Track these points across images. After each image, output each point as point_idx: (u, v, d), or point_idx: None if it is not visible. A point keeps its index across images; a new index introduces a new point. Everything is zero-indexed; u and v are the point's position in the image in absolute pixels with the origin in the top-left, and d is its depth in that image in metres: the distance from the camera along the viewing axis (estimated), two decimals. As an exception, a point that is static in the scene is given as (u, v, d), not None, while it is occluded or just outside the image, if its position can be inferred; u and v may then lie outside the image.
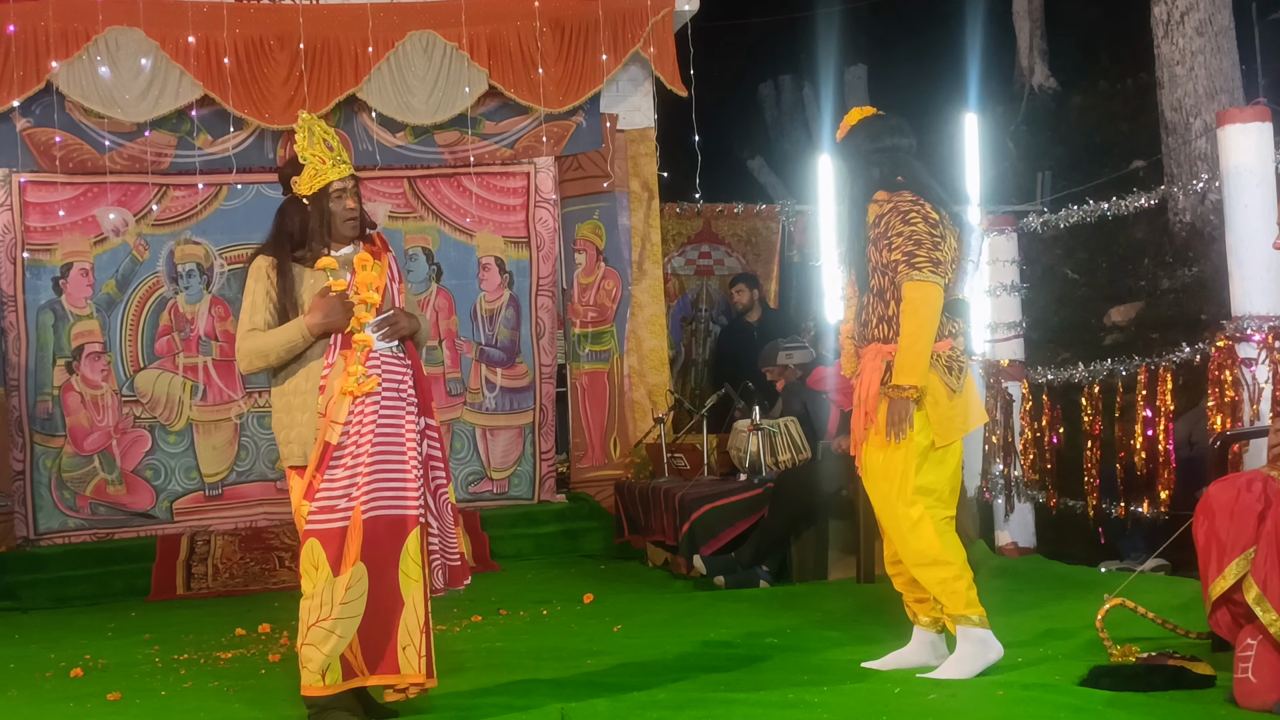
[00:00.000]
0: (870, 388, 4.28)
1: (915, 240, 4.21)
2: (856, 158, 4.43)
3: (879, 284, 4.30)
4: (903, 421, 4.19)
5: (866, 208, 4.36)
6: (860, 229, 4.37)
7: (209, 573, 7.76)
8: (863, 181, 4.39)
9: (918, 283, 4.18)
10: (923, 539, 4.24)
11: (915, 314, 4.18)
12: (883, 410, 4.24)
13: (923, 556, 4.24)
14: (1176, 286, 9.74)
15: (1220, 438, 5.42)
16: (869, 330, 4.35)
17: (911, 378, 4.18)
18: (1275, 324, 5.61)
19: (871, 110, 4.53)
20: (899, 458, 4.24)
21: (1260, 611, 3.53)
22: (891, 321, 4.27)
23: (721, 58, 12.46)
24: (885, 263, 4.27)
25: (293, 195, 4.14)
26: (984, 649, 4.21)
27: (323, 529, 3.85)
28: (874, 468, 4.33)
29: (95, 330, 8.47)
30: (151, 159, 8.38)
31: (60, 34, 7.99)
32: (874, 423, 4.28)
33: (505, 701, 4.21)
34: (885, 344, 4.29)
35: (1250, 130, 5.76)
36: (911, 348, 4.18)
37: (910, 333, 4.19)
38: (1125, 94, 13.09)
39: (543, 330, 9.03)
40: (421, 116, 8.54)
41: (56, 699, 4.72)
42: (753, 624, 5.42)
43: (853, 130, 4.47)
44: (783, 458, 7.14)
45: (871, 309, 4.34)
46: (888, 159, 4.38)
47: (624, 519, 8.12)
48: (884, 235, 4.27)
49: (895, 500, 4.27)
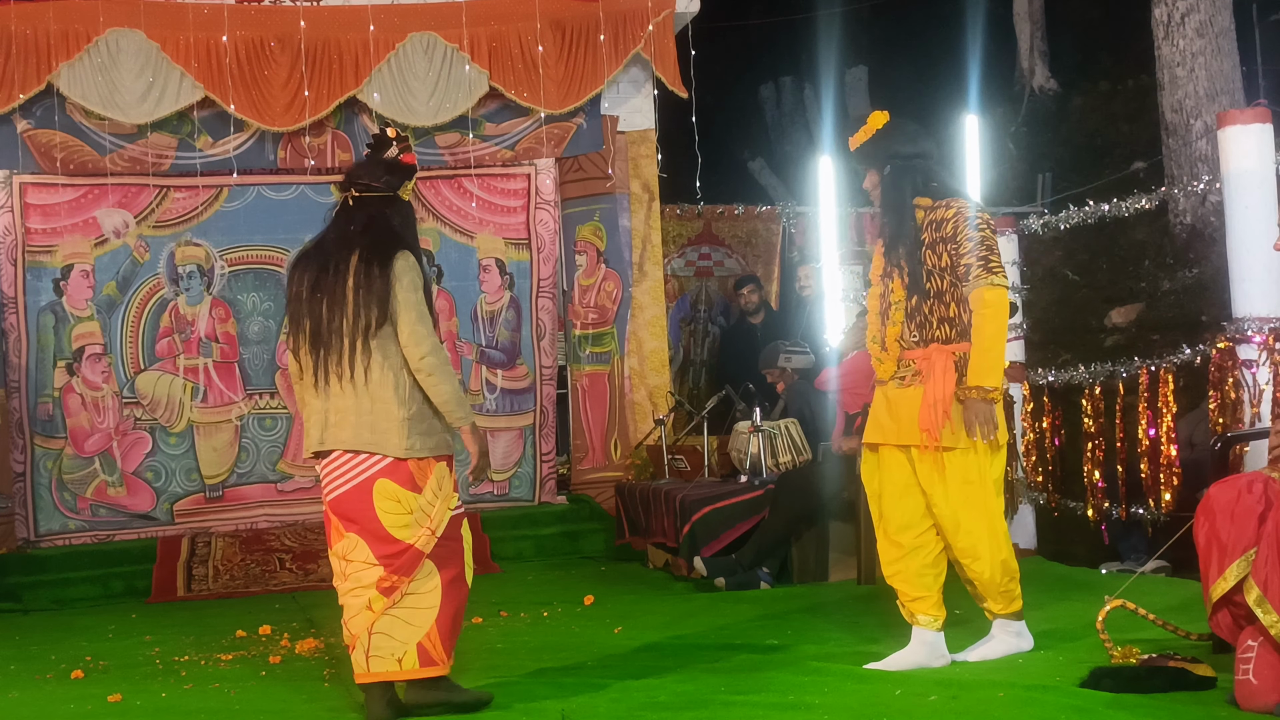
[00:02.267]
0: (945, 387, 4.34)
1: (987, 246, 4.33)
2: (892, 162, 4.49)
3: (937, 286, 4.39)
4: (991, 422, 4.31)
5: (913, 212, 4.44)
6: (911, 233, 4.43)
7: (209, 574, 7.76)
8: (908, 186, 4.47)
9: (996, 287, 4.31)
10: (1000, 534, 4.40)
11: (996, 318, 4.30)
12: (959, 411, 4.32)
13: (1000, 551, 4.39)
14: (1177, 288, 9.74)
15: (1221, 439, 5.42)
16: (928, 331, 4.41)
17: (994, 379, 4.30)
18: (1276, 325, 5.61)
19: (887, 116, 4.58)
20: (975, 456, 4.35)
21: (1261, 613, 3.53)
22: (954, 322, 4.37)
23: (722, 59, 12.47)
24: (946, 266, 4.36)
25: (403, 200, 4.27)
26: (1018, 639, 4.47)
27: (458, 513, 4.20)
28: (952, 467, 4.37)
29: (96, 332, 8.47)
30: (152, 161, 8.38)
31: (61, 36, 7.99)
32: (950, 420, 4.32)
33: (506, 703, 4.21)
34: (947, 344, 4.37)
35: (1251, 132, 5.77)
36: (992, 350, 4.30)
37: (991, 335, 4.30)
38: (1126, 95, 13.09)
39: (543, 332, 9.03)
40: (422, 118, 8.54)
41: (57, 700, 4.72)
42: (753, 625, 5.42)
43: (881, 134, 4.52)
44: (783, 459, 7.14)
45: (931, 310, 4.40)
46: (922, 164, 4.49)
47: (625, 521, 8.12)
48: (949, 239, 4.36)
49: (983, 496, 4.38)
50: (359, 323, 4.06)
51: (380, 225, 4.19)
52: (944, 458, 4.36)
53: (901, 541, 4.47)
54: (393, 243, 4.16)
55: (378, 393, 4.07)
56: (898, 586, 4.49)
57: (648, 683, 4.39)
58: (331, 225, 4.26)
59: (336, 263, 4.13)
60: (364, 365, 4.07)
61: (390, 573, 4.04)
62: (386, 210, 4.23)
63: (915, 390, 4.39)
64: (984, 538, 4.38)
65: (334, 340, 4.09)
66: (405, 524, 4.06)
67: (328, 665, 5.10)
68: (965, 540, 4.39)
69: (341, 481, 4.09)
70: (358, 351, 4.07)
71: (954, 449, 4.35)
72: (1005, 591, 4.44)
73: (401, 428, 4.05)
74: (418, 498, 4.07)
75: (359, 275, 4.08)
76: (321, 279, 4.13)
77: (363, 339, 4.06)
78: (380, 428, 4.05)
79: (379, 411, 4.06)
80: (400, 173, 4.26)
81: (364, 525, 4.06)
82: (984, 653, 4.45)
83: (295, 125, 8.35)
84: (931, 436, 4.34)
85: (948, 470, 4.37)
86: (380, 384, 4.07)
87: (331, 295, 4.10)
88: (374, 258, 4.10)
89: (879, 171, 4.54)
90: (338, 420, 4.09)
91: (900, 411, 4.43)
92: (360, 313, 4.06)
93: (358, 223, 4.18)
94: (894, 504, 4.50)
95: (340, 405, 4.09)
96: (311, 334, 4.13)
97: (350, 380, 4.07)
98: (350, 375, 4.07)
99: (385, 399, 4.06)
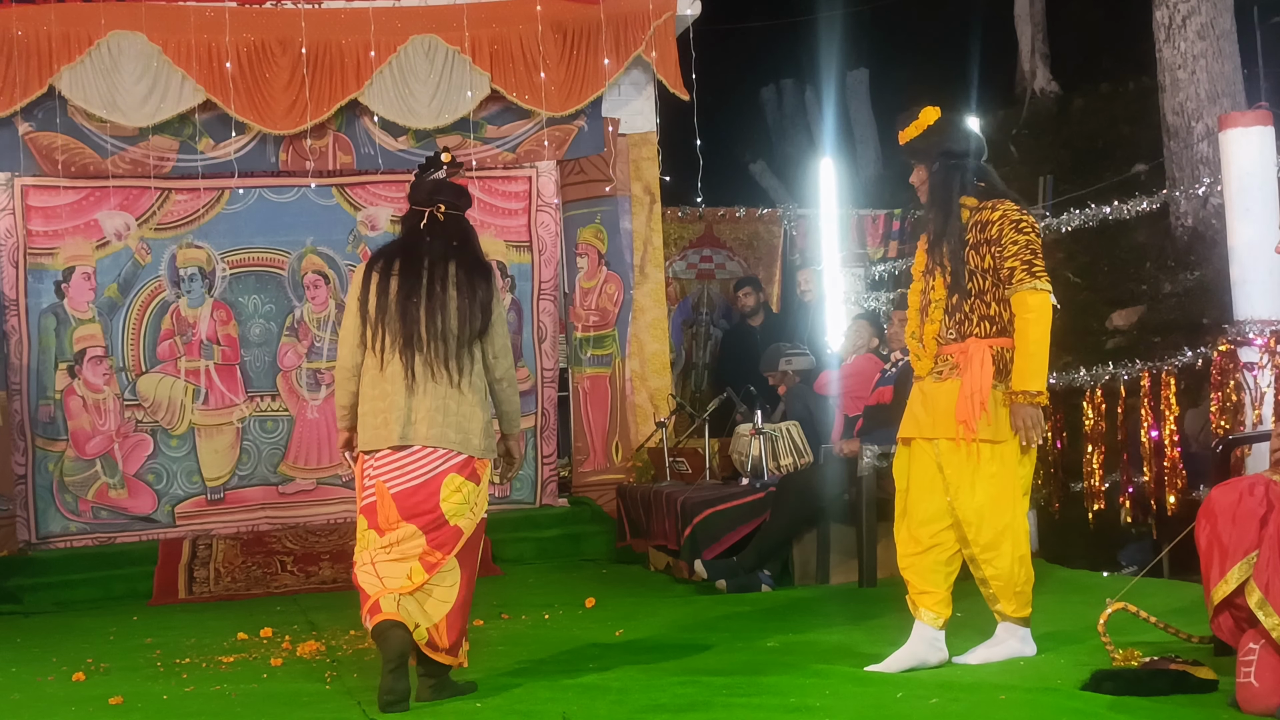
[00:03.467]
0: (982, 380, 4.37)
1: (1031, 249, 4.36)
2: (941, 159, 4.51)
3: (979, 286, 4.42)
4: (1036, 425, 4.35)
5: (959, 211, 4.46)
6: (956, 232, 4.45)
7: (211, 576, 7.76)
8: (956, 185, 4.50)
9: (1040, 291, 4.33)
10: (1022, 534, 4.44)
11: (1040, 321, 4.33)
12: (1003, 413, 4.36)
13: (1019, 548, 4.42)
14: (1179, 290, 9.75)
15: (1223, 442, 5.42)
16: (967, 328, 4.45)
17: (1039, 383, 4.33)
18: (1277, 328, 5.62)
19: (939, 111, 4.58)
20: (1008, 453, 4.39)
21: (1263, 616, 3.53)
22: (994, 320, 4.41)
23: (723, 61, 12.48)
24: (989, 268, 4.39)
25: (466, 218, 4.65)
26: (1022, 645, 4.46)
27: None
28: (984, 461, 4.40)
29: (97, 334, 8.47)
30: (153, 163, 8.38)
31: (62, 38, 7.99)
32: (986, 413, 4.35)
33: (507, 705, 4.21)
34: (986, 338, 4.41)
35: (1252, 134, 5.78)
36: (1038, 354, 4.33)
37: (1035, 339, 4.33)
38: (1127, 98, 13.10)
39: (544, 334, 9.03)
40: (423, 120, 8.54)
41: (58, 702, 4.72)
42: (754, 628, 5.42)
43: (932, 130, 4.53)
44: (784, 462, 7.14)
45: (971, 308, 4.44)
46: (972, 163, 4.52)
47: (626, 523, 8.11)
48: (994, 241, 4.38)
49: (1011, 494, 4.42)
50: (464, 330, 4.40)
51: (473, 242, 4.60)
52: (978, 450, 4.39)
53: (920, 536, 4.49)
54: (485, 260, 4.56)
55: (469, 396, 4.41)
56: (909, 578, 4.51)
57: (649, 685, 4.39)
58: (420, 235, 4.52)
59: (434, 271, 4.43)
60: (460, 369, 4.40)
61: (434, 548, 4.32)
62: (469, 229, 4.63)
63: (952, 383, 4.44)
64: (1006, 535, 4.41)
65: (435, 344, 4.38)
66: (461, 511, 4.38)
67: (329, 668, 5.10)
68: (988, 535, 4.40)
69: (414, 475, 4.36)
70: (463, 356, 4.41)
71: (988, 442, 4.39)
72: (1019, 592, 4.45)
73: (483, 430, 4.44)
74: (476, 488, 4.43)
75: (462, 285, 4.42)
76: (418, 285, 4.41)
77: (467, 346, 4.42)
78: (466, 428, 4.39)
79: (466, 413, 4.40)
80: (467, 198, 4.69)
81: (425, 517, 4.34)
82: (986, 655, 4.45)
83: (296, 128, 8.35)
84: (968, 429, 4.37)
85: (980, 463, 4.41)
86: (472, 388, 4.43)
87: (432, 301, 4.40)
88: (475, 272, 4.47)
89: (927, 168, 4.56)
90: (425, 418, 4.35)
91: (936, 404, 4.47)
92: (466, 321, 4.40)
93: (455, 236, 4.53)
94: (919, 499, 4.52)
95: (430, 404, 4.36)
96: (405, 335, 4.38)
97: (448, 382, 4.39)
98: (449, 378, 4.39)
99: (475, 402, 4.42)
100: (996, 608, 4.49)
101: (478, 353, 4.44)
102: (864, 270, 10.02)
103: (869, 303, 9.78)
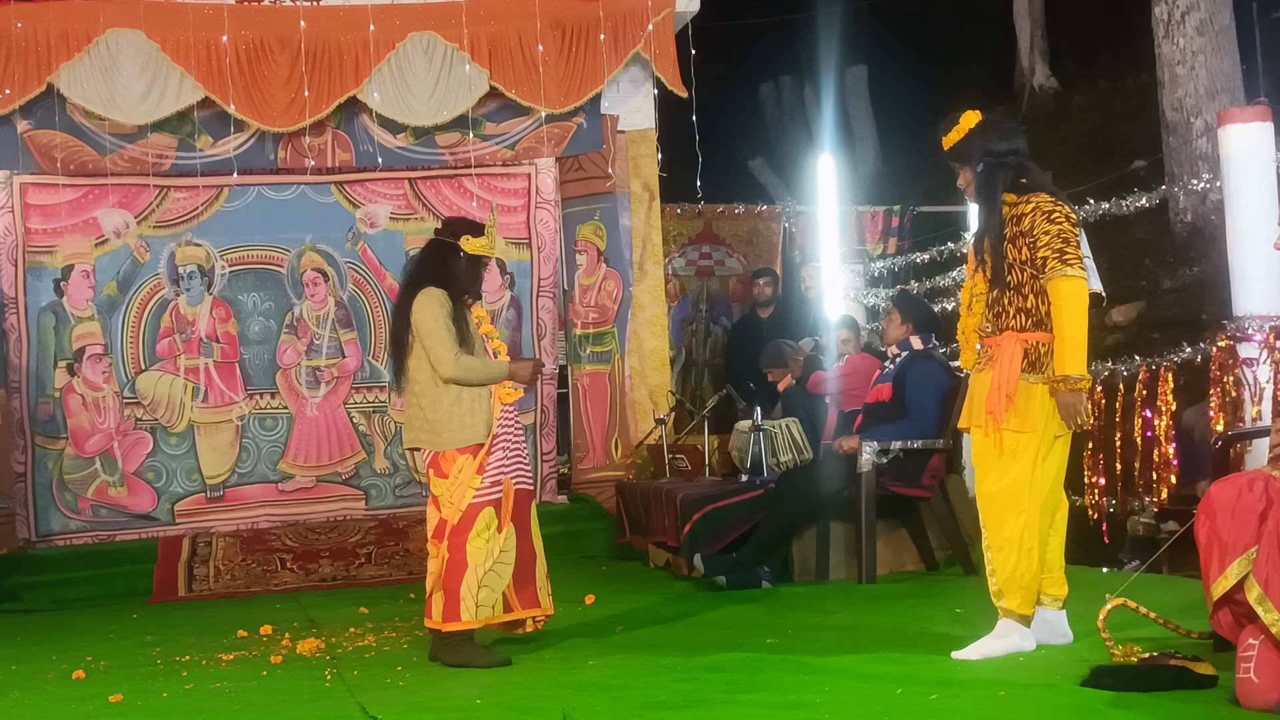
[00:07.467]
0: (1011, 372, 4.43)
1: (1063, 238, 4.40)
2: (985, 159, 4.57)
3: (1017, 279, 4.49)
4: (1079, 412, 4.38)
5: (1000, 207, 4.53)
6: (995, 228, 4.53)
7: (210, 574, 7.76)
8: (999, 182, 4.56)
9: (1072, 279, 4.38)
10: (1033, 529, 4.45)
11: (1074, 308, 4.38)
12: (1032, 406, 4.40)
13: (1029, 543, 4.44)
14: (1178, 286, 9.75)
15: (1222, 438, 5.42)
16: (1004, 320, 4.52)
17: (1076, 368, 4.36)
18: (1276, 324, 5.62)
19: (980, 114, 4.67)
20: (1034, 444, 4.42)
21: (1262, 611, 3.53)
22: (1030, 313, 4.47)
23: (722, 58, 12.47)
24: (1026, 260, 4.45)
25: (453, 245, 5.09)
26: (1022, 641, 4.48)
27: (490, 499, 4.94)
28: (1008, 451, 4.44)
29: (96, 332, 8.47)
30: (152, 161, 8.38)
31: (61, 36, 7.99)
32: (1013, 404, 4.41)
33: (507, 702, 4.21)
34: (1021, 332, 4.47)
35: (1251, 130, 5.78)
36: (1073, 339, 4.38)
37: (1070, 325, 4.38)
38: (1126, 94, 13.11)
39: (544, 331, 9.03)
40: (422, 118, 8.54)
41: (59, 701, 4.72)
42: (754, 625, 5.42)
43: (974, 133, 4.61)
44: (784, 458, 7.14)
45: (1009, 301, 4.51)
46: (1015, 160, 4.58)
47: (625, 520, 8.12)
48: (1028, 233, 4.45)
49: (1034, 486, 4.44)
50: (391, 345, 5.13)
51: (423, 261, 5.14)
52: (1004, 440, 4.45)
53: None
54: (417, 276, 5.09)
55: (413, 399, 5.07)
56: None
57: (648, 682, 4.39)
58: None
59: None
60: (400, 379, 5.10)
61: (432, 538, 5.04)
62: (431, 248, 5.14)
63: (987, 375, 4.53)
64: (1017, 528, 4.43)
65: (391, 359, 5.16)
66: (445, 500, 4.97)
67: (329, 665, 5.10)
68: (1000, 525, 4.46)
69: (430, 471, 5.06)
70: (400, 368, 5.09)
71: (1013, 433, 4.43)
72: (1026, 587, 4.47)
73: (435, 426, 4.98)
74: (445, 482, 4.96)
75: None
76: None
77: (400, 359, 5.06)
78: (420, 426, 5.05)
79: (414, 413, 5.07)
80: (457, 223, 5.25)
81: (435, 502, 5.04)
82: (986, 649, 4.46)
83: (295, 125, 8.35)
84: (994, 420, 4.45)
85: (1004, 454, 4.46)
86: (413, 393, 5.06)
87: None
88: (403, 290, 5.12)
89: (971, 169, 4.63)
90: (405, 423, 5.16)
91: (974, 395, 4.59)
92: (390, 337, 5.14)
93: (410, 260, 5.29)
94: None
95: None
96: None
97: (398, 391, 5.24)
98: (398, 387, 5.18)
99: (419, 403, 5.04)
100: (1001, 603, 4.50)
101: (413, 362, 5.02)
102: (863, 266, 10.03)
103: (868, 299, 9.79)
